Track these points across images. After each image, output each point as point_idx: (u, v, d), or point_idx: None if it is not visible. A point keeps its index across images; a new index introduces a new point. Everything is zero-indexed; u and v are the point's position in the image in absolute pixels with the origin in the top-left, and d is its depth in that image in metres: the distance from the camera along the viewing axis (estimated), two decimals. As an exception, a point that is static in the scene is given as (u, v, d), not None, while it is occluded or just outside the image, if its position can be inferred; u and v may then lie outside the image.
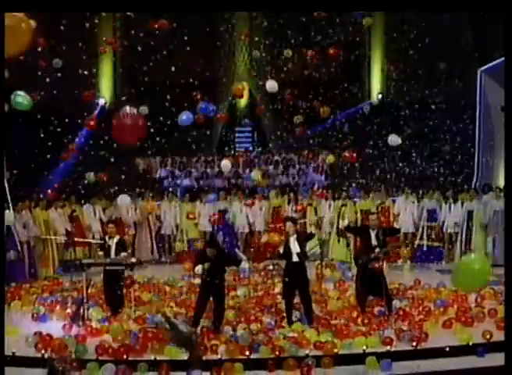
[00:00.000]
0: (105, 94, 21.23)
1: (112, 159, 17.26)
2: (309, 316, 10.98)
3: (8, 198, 16.51)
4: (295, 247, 10.93)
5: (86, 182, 14.35)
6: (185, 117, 13.69)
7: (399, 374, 9.09)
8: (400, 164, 19.09)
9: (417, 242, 16.59)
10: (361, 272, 11.52)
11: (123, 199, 14.37)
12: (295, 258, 10.88)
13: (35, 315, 11.93)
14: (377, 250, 11.34)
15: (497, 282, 13.90)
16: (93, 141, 19.08)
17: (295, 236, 11.08)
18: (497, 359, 9.17)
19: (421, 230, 16.56)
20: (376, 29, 20.94)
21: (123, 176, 17.83)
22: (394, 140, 14.34)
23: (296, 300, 11.22)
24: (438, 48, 19.13)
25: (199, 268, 10.58)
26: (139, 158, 20.28)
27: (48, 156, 17.57)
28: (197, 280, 13.08)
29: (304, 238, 11.36)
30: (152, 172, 20.51)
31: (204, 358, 8.66)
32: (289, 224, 11.25)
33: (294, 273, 10.95)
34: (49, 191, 16.26)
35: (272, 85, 14.28)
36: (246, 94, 21.46)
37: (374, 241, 11.42)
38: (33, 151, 17.82)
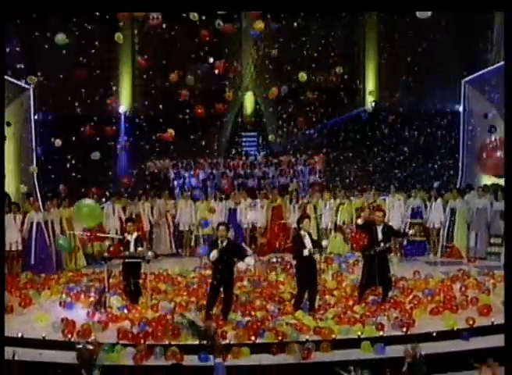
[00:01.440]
0: (125, 102, 21.20)
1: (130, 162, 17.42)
2: (312, 304, 11.05)
3: (39, 197, 16.76)
4: (308, 242, 10.99)
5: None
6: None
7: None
8: (390, 166, 19.12)
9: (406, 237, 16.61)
10: (368, 263, 11.56)
11: None
12: (307, 253, 10.89)
13: (62, 303, 12.07)
14: (382, 244, 11.42)
15: (480, 273, 14.04)
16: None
17: (307, 232, 11.17)
18: (479, 343, 9.30)
19: (407, 226, 16.59)
20: (370, 43, 20.97)
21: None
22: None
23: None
24: (427, 60, 19.18)
25: (214, 253, 10.58)
26: (154, 161, 20.28)
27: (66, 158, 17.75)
28: (208, 272, 13.24)
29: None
30: (167, 173, 20.52)
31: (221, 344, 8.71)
32: (306, 221, 11.31)
33: (308, 265, 11.00)
34: (93, 189, 16.22)
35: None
36: (252, 102, 21.57)
37: (380, 236, 11.49)
38: (63, 154, 17.83)
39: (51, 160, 18.30)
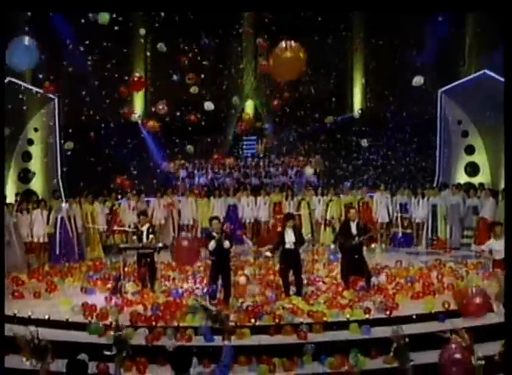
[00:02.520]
0: (138, 109, 21.09)
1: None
2: (299, 289, 11.02)
3: (63, 195, 16.71)
4: (290, 237, 10.96)
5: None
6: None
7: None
8: (376, 167, 19.05)
9: (392, 230, 16.53)
10: (345, 256, 11.52)
11: None
12: (288, 245, 10.93)
13: (83, 289, 12.01)
14: (356, 238, 11.30)
15: (454, 262, 13.95)
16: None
17: (292, 229, 11.11)
18: (454, 324, 9.19)
19: (394, 220, 16.51)
20: (357, 59, 20.91)
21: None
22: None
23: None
24: (407, 74, 19.23)
25: (212, 244, 10.60)
26: (165, 162, 20.12)
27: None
28: (209, 261, 13.18)
29: (298, 230, 11.43)
30: (174, 173, 20.35)
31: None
32: (290, 220, 11.32)
33: (288, 257, 11.02)
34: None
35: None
36: (252, 109, 21.45)
37: (354, 231, 11.37)
38: (84, 157, 17.79)
39: (73, 162, 18.20)
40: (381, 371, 8.22)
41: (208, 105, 16.91)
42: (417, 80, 14.46)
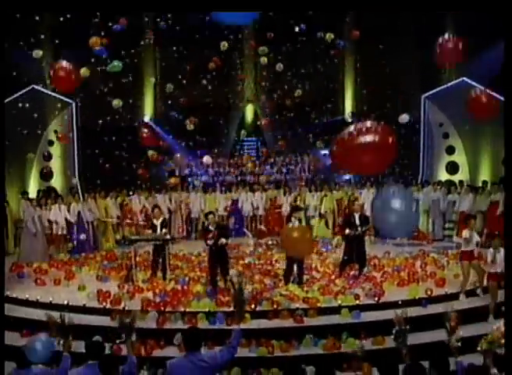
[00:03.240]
0: (148, 111, 21.05)
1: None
2: (300, 279, 10.99)
3: (79, 191, 16.74)
4: None
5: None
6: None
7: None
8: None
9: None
10: (348, 245, 11.57)
11: None
12: None
13: (98, 277, 12.08)
14: (359, 228, 11.36)
15: (436, 252, 13.99)
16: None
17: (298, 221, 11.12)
18: (435, 309, 9.27)
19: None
20: (349, 66, 20.83)
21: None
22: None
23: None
24: (394, 81, 19.27)
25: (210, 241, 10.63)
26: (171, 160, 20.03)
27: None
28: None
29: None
30: (181, 171, 20.27)
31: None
32: (298, 212, 11.42)
33: None
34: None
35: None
36: (252, 112, 21.39)
37: (357, 222, 11.43)
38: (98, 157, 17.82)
39: (89, 161, 18.22)
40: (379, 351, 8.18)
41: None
42: (404, 118, 14.40)
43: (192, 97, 17.70)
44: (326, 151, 17.90)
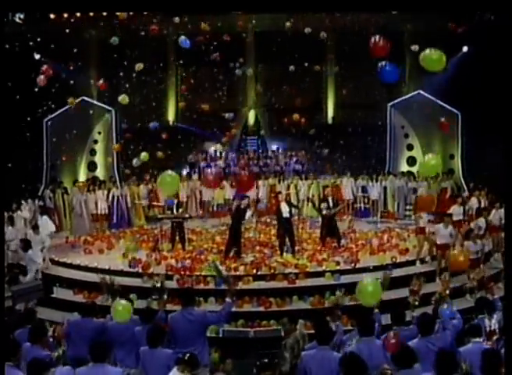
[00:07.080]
0: (170, 116, 20.74)
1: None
2: (293, 249, 10.82)
3: (117, 179, 16.43)
4: (285, 208, 10.79)
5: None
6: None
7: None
8: (344, 160, 18.75)
9: (356, 205, 16.28)
10: (324, 222, 11.46)
11: None
12: (285, 215, 10.74)
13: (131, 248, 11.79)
14: (332, 209, 11.24)
15: (400, 228, 13.82)
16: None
17: (285, 202, 10.97)
18: (398, 273, 9.18)
19: (357, 198, 16.27)
20: (330, 78, 20.44)
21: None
22: None
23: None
24: (367, 91, 19.17)
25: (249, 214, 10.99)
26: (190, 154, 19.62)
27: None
28: (222, 228, 13.15)
29: (290, 204, 11.23)
30: (196, 162, 19.83)
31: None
32: (281, 196, 11.51)
33: (284, 224, 10.81)
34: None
35: None
36: (254, 117, 21.07)
37: (331, 204, 11.29)
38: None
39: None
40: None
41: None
42: None
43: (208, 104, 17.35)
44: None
